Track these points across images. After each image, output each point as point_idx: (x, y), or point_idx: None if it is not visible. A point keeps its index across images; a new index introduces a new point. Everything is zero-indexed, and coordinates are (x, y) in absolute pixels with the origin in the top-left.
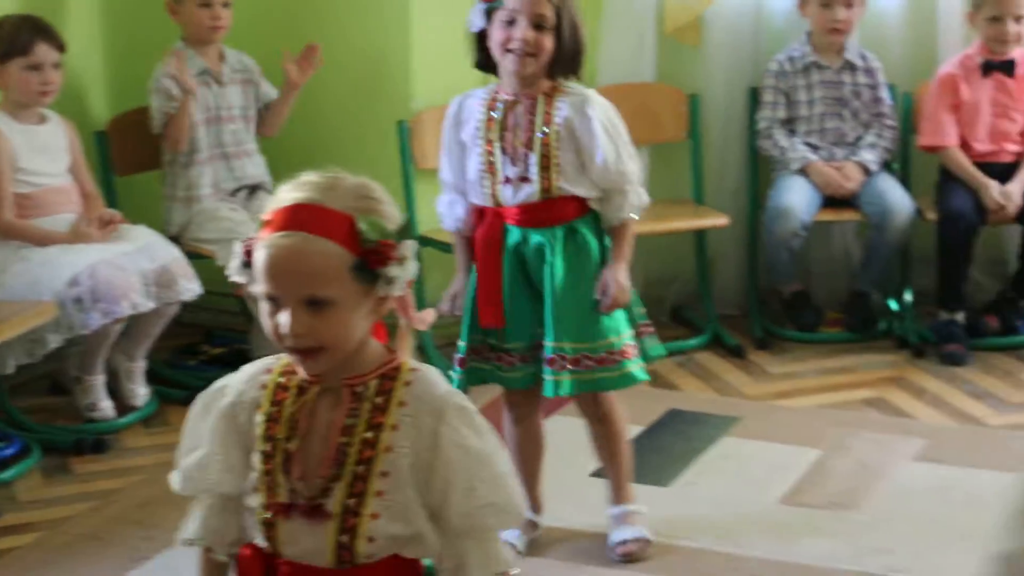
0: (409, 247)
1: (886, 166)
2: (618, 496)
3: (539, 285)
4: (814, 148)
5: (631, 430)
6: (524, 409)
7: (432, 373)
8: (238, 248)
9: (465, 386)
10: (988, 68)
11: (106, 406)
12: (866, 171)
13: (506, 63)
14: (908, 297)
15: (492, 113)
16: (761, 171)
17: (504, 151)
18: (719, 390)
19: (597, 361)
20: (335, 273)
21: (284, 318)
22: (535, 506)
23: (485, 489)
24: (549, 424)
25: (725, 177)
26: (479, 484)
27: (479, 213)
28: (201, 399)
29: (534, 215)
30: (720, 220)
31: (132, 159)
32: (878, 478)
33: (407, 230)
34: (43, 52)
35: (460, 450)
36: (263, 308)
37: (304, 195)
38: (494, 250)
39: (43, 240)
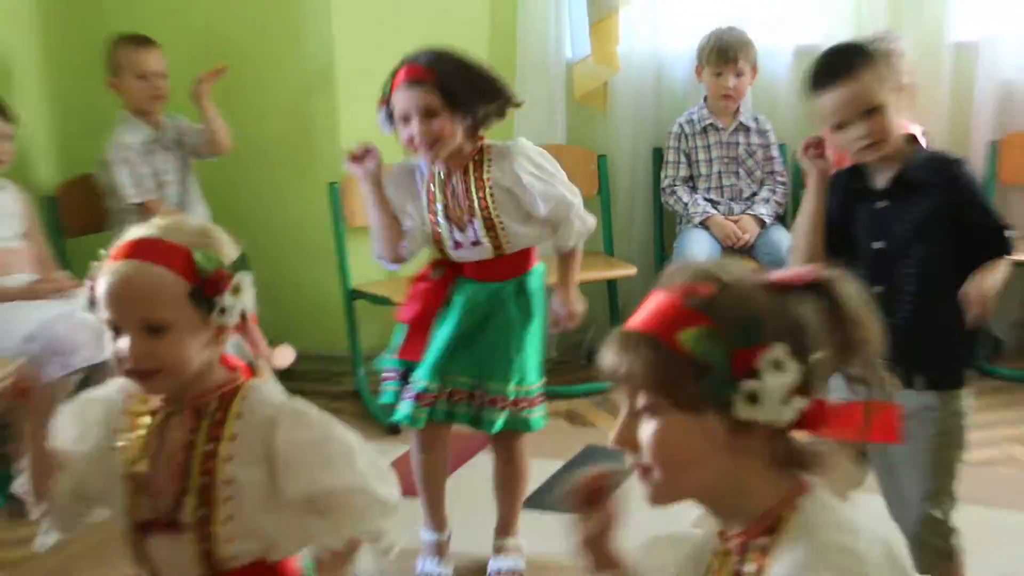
0: (243, 278)
1: (779, 219)
2: (506, 529)
3: (484, 331)
4: (714, 203)
5: (552, 465)
6: (432, 439)
7: (269, 387)
8: (86, 290)
9: (424, 424)
10: None
11: None
12: (761, 224)
13: (422, 156)
14: None
15: (432, 187)
16: (666, 225)
17: (449, 220)
18: None
19: (529, 403)
20: (171, 298)
21: (124, 343)
22: (440, 525)
23: (329, 478)
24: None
25: (633, 230)
26: (322, 474)
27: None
28: (69, 409)
29: (488, 271)
30: (629, 270)
31: (80, 222)
32: None
33: (242, 262)
34: None
35: (295, 448)
36: (108, 337)
37: (145, 232)
38: (440, 293)
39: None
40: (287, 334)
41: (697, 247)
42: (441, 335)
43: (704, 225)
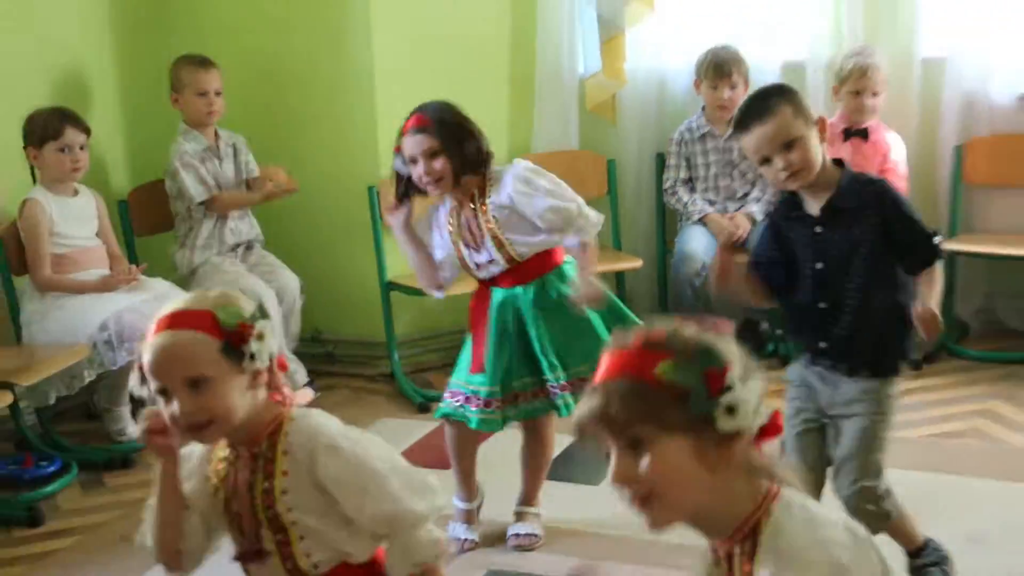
0: (264, 325)
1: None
2: (528, 499)
3: (524, 328)
4: (711, 202)
5: (565, 439)
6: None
7: (305, 419)
8: (135, 371)
9: (489, 429)
10: (848, 134)
11: (132, 430)
12: (753, 220)
13: (430, 191)
14: None
15: (451, 220)
16: (668, 222)
17: (467, 246)
18: None
19: (564, 388)
20: (205, 355)
21: (175, 404)
22: (471, 494)
23: (371, 505)
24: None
25: (638, 227)
26: (363, 502)
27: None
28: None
29: (511, 278)
30: (635, 263)
31: (149, 223)
32: None
33: (260, 312)
34: (71, 135)
35: (335, 483)
36: (162, 407)
37: (172, 307)
38: (484, 315)
39: (78, 289)
40: (331, 321)
41: (696, 242)
42: (489, 347)
43: (702, 222)
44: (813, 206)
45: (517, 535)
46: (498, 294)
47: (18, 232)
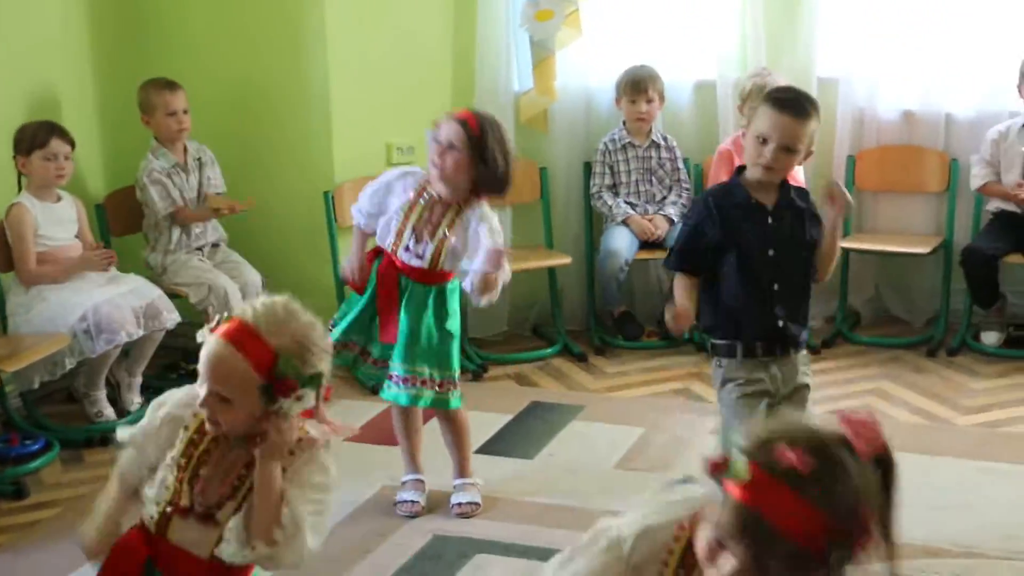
0: (309, 394)
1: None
2: (461, 472)
3: (409, 321)
4: (632, 205)
5: (504, 418)
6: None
7: (324, 456)
8: (206, 327)
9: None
10: None
11: (109, 412)
12: (670, 221)
13: (432, 178)
14: None
15: (420, 199)
16: (594, 223)
17: (414, 230)
18: (568, 386)
19: (452, 384)
20: (242, 386)
21: (203, 391)
22: (418, 468)
23: (294, 491)
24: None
25: (568, 228)
26: (293, 489)
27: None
28: (154, 402)
29: (419, 275)
30: (565, 260)
31: (123, 224)
32: (687, 447)
33: (316, 379)
34: (57, 145)
35: (297, 475)
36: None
37: (255, 317)
38: (391, 286)
39: (61, 273)
40: None
41: (619, 241)
42: (402, 328)
43: (625, 223)
44: (766, 199)
45: (459, 504)
46: (406, 282)
47: (4, 234)
